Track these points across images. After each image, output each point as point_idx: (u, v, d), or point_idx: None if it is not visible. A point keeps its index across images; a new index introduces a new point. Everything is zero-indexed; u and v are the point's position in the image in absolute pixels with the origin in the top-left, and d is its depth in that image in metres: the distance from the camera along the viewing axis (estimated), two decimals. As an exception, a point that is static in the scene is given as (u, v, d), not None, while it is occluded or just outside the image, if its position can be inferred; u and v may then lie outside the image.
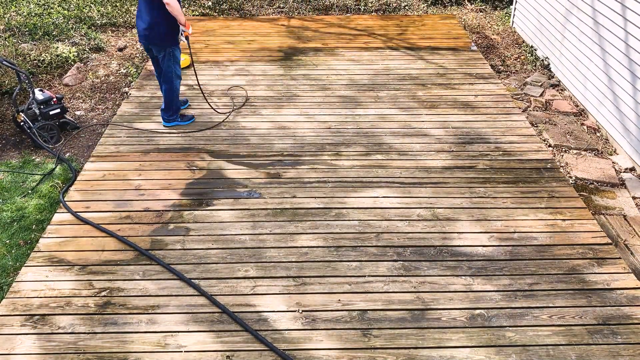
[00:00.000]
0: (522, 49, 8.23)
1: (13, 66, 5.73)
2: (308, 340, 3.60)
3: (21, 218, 4.85)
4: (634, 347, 3.55)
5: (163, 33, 5.38)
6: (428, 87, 6.89)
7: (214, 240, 4.44)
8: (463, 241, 4.43)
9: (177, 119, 5.96)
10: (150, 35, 5.42)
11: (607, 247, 4.37)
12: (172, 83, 5.70)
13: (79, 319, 3.75)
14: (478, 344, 3.57)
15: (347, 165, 5.37)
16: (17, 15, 8.98)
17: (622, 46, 5.77)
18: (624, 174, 5.48)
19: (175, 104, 5.85)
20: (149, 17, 5.33)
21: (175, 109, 5.90)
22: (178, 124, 5.94)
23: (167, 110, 5.87)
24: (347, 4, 9.96)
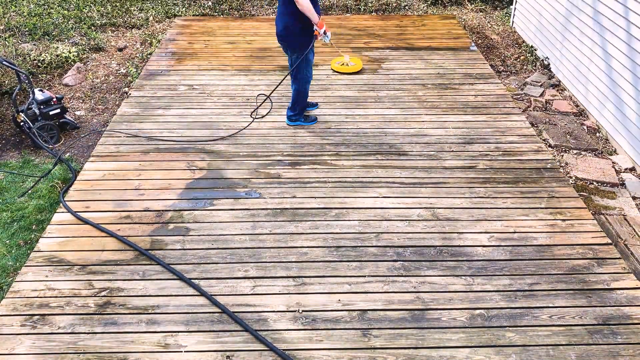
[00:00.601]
0: (522, 49, 8.23)
1: (13, 66, 5.73)
2: (308, 340, 3.60)
3: (21, 218, 4.85)
4: (634, 347, 3.55)
5: (297, 34, 5.41)
6: (428, 87, 6.89)
7: (214, 240, 4.44)
8: (463, 241, 4.43)
9: (301, 119, 6.00)
10: (285, 36, 5.49)
11: (607, 247, 4.37)
12: (302, 84, 5.75)
13: (79, 319, 3.75)
14: (478, 344, 3.57)
15: (347, 165, 5.37)
16: (17, 15, 8.98)
17: (622, 46, 5.77)
18: (624, 174, 5.48)
19: (300, 104, 5.90)
20: (285, 19, 5.39)
21: (300, 110, 5.94)
22: (301, 124, 6.00)
23: (293, 109, 5.93)
24: (347, 4, 9.96)
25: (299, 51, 5.50)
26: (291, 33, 5.41)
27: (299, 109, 5.91)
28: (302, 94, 5.81)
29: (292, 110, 5.94)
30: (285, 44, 5.59)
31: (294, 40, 5.46)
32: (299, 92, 5.78)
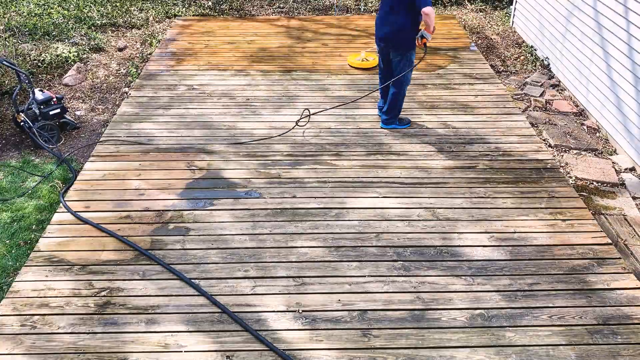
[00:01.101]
0: (522, 49, 8.23)
1: (13, 66, 5.73)
2: (308, 340, 3.60)
3: (21, 218, 4.85)
4: (634, 347, 3.55)
5: (409, 38, 5.42)
6: (428, 88, 6.89)
7: (214, 240, 4.44)
8: (463, 241, 4.43)
9: (396, 122, 5.92)
10: (394, 39, 5.46)
11: (607, 247, 4.37)
12: (401, 87, 5.69)
13: (79, 319, 3.75)
14: (478, 345, 3.57)
15: (347, 165, 5.37)
16: (17, 15, 8.98)
17: (622, 46, 5.77)
18: (624, 174, 5.48)
19: (398, 108, 5.84)
20: (396, 21, 5.37)
21: (396, 113, 5.88)
22: (395, 127, 5.92)
23: (389, 112, 5.85)
24: (348, 4, 9.96)
25: (406, 53, 5.51)
26: (403, 37, 5.42)
27: (396, 112, 5.86)
28: (401, 97, 5.78)
29: (388, 114, 5.87)
30: (391, 47, 5.55)
31: (404, 43, 5.46)
32: (398, 94, 5.73)
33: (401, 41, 5.46)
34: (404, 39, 5.44)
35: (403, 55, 5.53)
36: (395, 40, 5.47)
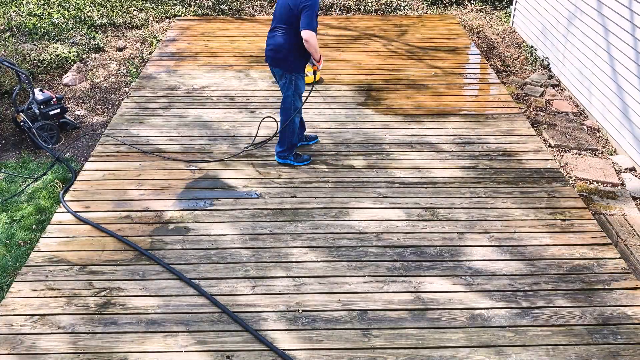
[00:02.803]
0: (522, 49, 8.23)
1: (13, 66, 5.73)
2: (308, 340, 3.60)
3: (21, 218, 4.85)
4: (634, 347, 3.55)
5: (290, 58, 4.95)
6: (428, 88, 6.89)
7: (214, 240, 4.44)
8: (463, 241, 4.43)
9: (290, 157, 5.34)
10: (273, 55, 5.01)
11: (607, 247, 4.37)
12: (288, 115, 5.14)
13: (79, 319, 3.74)
14: (478, 344, 3.57)
15: (347, 165, 5.37)
16: (17, 15, 8.98)
17: (622, 46, 5.77)
18: (624, 174, 5.48)
19: (289, 139, 5.25)
20: (277, 40, 4.94)
21: (290, 146, 5.29)
22: (290, 163, 5.34)
23: (281, 144, 5.29)
24: (348, 4, 9.96)
25: (289, 75, 5.01)
26: (283, 56, 4.95)
27: (288, 144, 5.27)
28: (290, 126, 5.18)
29: (281, 146, 5.31)
30: (274, 66, 5.07)
31: (285, 62, 4.97)
32: (286, 126, 5.17)
33: (280, 62, 4.98)
34: (282, 60, 4.95)
35: (287, 78, 5.02)
36: (275, 60, 5.00)
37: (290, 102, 5.12)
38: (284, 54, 4.93)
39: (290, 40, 4.89)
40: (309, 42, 4.74)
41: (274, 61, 5.04)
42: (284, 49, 4.92)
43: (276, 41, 4.95)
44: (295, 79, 5.04)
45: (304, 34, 4.71)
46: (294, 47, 4.90)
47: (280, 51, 4.94)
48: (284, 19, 4.86)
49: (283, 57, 4.95)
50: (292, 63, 4.97)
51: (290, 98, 5.11)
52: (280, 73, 5.05)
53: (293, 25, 4.82)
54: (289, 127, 5.18)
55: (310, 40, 4.73)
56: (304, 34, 4.71)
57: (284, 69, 5.00)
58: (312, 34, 4.73)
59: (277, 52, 4.96)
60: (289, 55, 4.94)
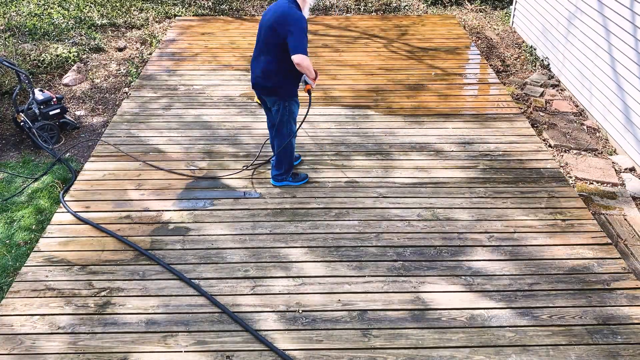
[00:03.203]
0: (522, 49, 8.23)
1: (13, 66, 5.73)
2: (308, 340, 3.60)
3: (21, 218, 4.85)
4: (634, 347, 3.55)
5: (283, 85, 4.58)
6: (428, 88, 6.89)
7: (214, 241, 4.44)
8: (463, 241, 4.43)
9: (289, 178, 5.09)
10: (263, 84, 4.62)
11: (607, 247, 4.37)
12: (284, 140, 4.83)
13: (79, 319, 3.74)
14: (478, 344, 3.57)
15: (347, 165, 5.37)
16: (17, 15, 8.98)
17: (623, 46, 5.77)
18: (624, 174, 5.48)
19: (287, 162, 5.00)
20: (264, 64, 4.53)
21: (288, 168, 5.04)
22: (289, 184, 5.09)
23: (279, 167, 5.02)
24: (348, 4, 9.96)
25: (282, 102, 4.66)
26: (272, 83, 4.57)
27: (286, 167, 5.02)
28: (288, 151, 4.91)
29: (278, 169, 5.02)
30: (263, 93, 4.71)
31: (275, 89, 4.60)
32: (284, 149, 4.88)
33: (272, 91, 4.61)
34: (275, 88, 4.59)
35: (280, 105, 4.67)
36: (266, 87, 4.62)
37: (285, 127, 4.79)
38: (276, 82, 4.56)
39: (280, 66, 4.48)
40: (302, 65, 4.33)
41: (264, 90, 4.66)
42: (275, 76, 4.53)
43: (265, 68, 4.54)
44: (289, 105, 4.70)
45: (296, 58, 4.28)
46: (285, 73, 4.52)
47: (270, 79, 4.56)
48: (269, 42, 4.44)
49: (275, 86, 4.58)
50: (285, 90, 4.61)
51: (284, 123, 4.77)
52: (272, 101, 4.70)
53: (281, 49, 4.40)
54: (286, 149, 4.89)
55: (302, 64, 4.32)
56: (296, 58, 4.28)
57: (278, 97, 4.64)
58: (304, 57, 4.30)
59: (267, 80, 4.57)
60: (282, 82, 4.56)
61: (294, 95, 4.69)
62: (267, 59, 4.50)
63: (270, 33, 4.40)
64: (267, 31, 4.42)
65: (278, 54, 4.43)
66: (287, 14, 4.32)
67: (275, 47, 4.41)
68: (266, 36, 4.45)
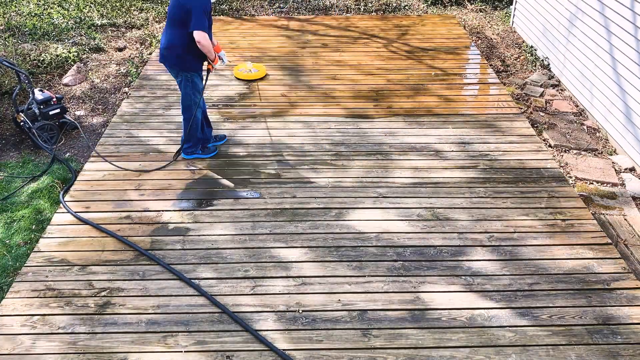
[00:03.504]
0: (522, 49, 8.23)
1: (13, 66, 5.73)
2: (308, 340, 3.60)
3: (21, 218, 4.85)
4: (634, 347, 3.55)
5: (180, 55, 4.90)
6: (428, 88, 6.89)
7: (214, 241, 4.44)
8: (463, 241, 4.43)
9: (198, 151, 5.36)
10: (166, 55, 4.95)
11: (607, 247, 4.37)
12: (190, 112, 5.11)
13: (79, 319, 3.75)
14: (478, 344, 3.57)
15: (347, 165, 5.37)
16: (17, 15, 8.98)
17: (623, 46, 5.77)
18: (624, 174, 5.48)
19: (193, 135, 5.25)
20: (168, 37, 4.89)
21: (196, 141, 5.30)
22: (199, 157, 5.35)
23: (188, 140, 5.27)
24: (348, 4, 9.96)
25: (184, 73, 4.96)
26: (174, 54, 4.90)
27: (194, 140, 5.27)
28: (194, 124, 5.15)
29: (188, 142, 5.27)
30: (166, 64, 5.01)
31: (176, 61, 4.92)
32: (188, 122, 5.14)
33: (174, 62, 4.92)
34: (177, 59, 4.90)
35: (182, 77, 4.98)
36: (167, 57, 4.93)
37: (190, 99, 5.06)
38: (178, 54, 4.86)
39: (184, 40, 4.79)
40: (201, 43, 4.69)
41: (167, 60, 4.95)
42: (178, 48, 4.84)
43: (169, 40, 4.86)
44: (191, 77, 4.98)
45: (195, 35, 4.66)
46: (187, 47, 4.81)
47: (173, 50, 4.86)
48: (175, 17, 4.76)
49: (177, 57, 4.88)
50: (187, 63, 4.90)
51: (189, 96, 5.05)
52: (175, 72, 4.99)
53: (185, 24, 4.71)
54: (193, 122, 5.12)
55: (202, 42, 4.69)
56: (195, 35, 4.66)
57: (180, 68, 4.93)
58: (204, 35, 4.66)
59: (170, 51, 4.88)
60: (184, 55, 4.86)
61: (198, 69, 4.96)
62: (171, 32, 4.82)
63: (177, 9, 4.71)
64: (174, 7, 4.74)
65: (182, 28, 4.73)
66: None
67: (180, 23, 4.72)
68: (173, 12, 4.76)
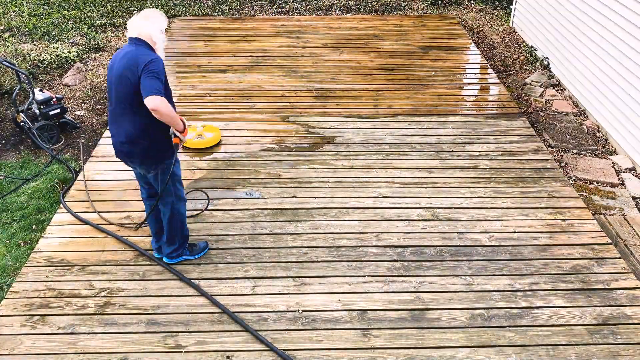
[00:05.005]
0: (522, 49, 8.23)
1: (13, 66, 5.73)
2: (308, 340, 3.60)
3: (21, 218, 4.85)
4: (634, 347, 3.55)
5: (149, 146, 3.68)
6: (427, 87, 6.89)
7: (214, 241, 4.43)
8: (463, 241, 4.43)
9: (186, 252, 4.21)
10: (128, 151, 3.72)
11: (607, 247, 4.37)
12: (172, 206, 3.96)
13: (79, 319, 3.74)
14: (478, 344, 3.57)
15: (347, 165, 5.37)
16: (17, 15, 8.98)
17: (623, 46, 5.77)
18: (624, 174, 5.48)
19: (181, 235, 4.11)
20: (127, 125, 3.63)
21: (182, 242, 4.16)
22: (187, 258, 4.22)
23: (171, 243, 4.11)
24: (348, 4, 9.96)
25: (159, 164, 3.78)
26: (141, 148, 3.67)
27: (180, 240, 4.12)
28: (179, 220, 4.04)
29: (171, 245, 4.10)
30: (136, 159, 3.75)
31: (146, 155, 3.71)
32: (173, 219, 4.00)
33: (140, 155, 3.71)
34: (142, 152, 3.69)
35: (157, 171, 3.82)
36: (131, 154, 3.73)
37: (172, 194, 3.92)
38: (147, 145, 3.67)
39: (145, 122, 3.60)
40: (159, 111, 3.42)
41: (132, 157, 3.75)
42: (144, 137, 3.65)
43: (127, 131, 3.64)
44: (168, 168, 3.80)
45: (149, 101, 3.39)
46: (152, 131, 3.64)
47: (139, 142, 3.66)
48: (126, 96, 3.56)
49: (145, 150, 3.68)
50: (159, 152, 3.73)
51: (170, 189, 3.89)
52: (146, 168, 3.81)
53: (136, 104, 3.55)
54: (174, 219, 4.00)
55: (160, 109, 3.42)
56: (149, 101, 3.39)
57: (152, 162, 3.75)
58: (160, 99, 3.43)
59: (135, 144, 3.66)
60: (152, 144, 3.67)
61: (172, 154, 3.77)
62: (128, 119, 3.62)
63: (125, 85, 3.53)
64: (121, 83, 3.55)
65: (139, 108, 3.55)
66: (137, 57, 3.52)
67: (132, 101, 3.55)
68: (118, 89, 3.58)
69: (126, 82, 3.52)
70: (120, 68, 3.55)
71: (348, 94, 6.73)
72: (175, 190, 3.93)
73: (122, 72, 3.53)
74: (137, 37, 3.63)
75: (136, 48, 3.60)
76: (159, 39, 3.71)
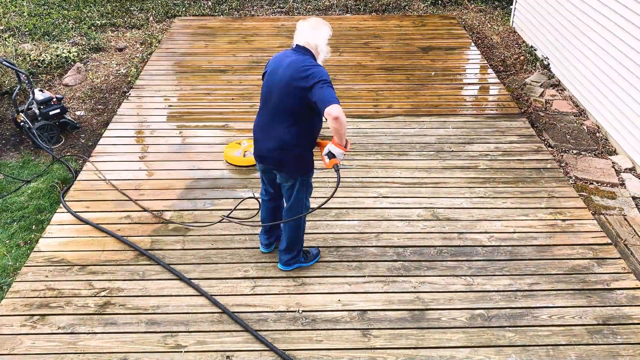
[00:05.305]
0: (522, 49, 8.23)
1: (13, 66, 5.73)
2: (308, 340, 3.60)
3: (21, 218, 4.85)
4: (634, 347, 3.55)
5: (298, 155, 3.69)
6: (427, 87, 6.89)
7: (214, 241, 4.43)
8: (463, 241, 4.43)
9: (301, 258, 4.19)
10: (278, 157, 3.69)
11: (607, 247, 4.37)
12: (299, 220, 3.98)
13: (79, 319, 3.74)
14: (478, 344, 3.57)
15: (347, 165, 5.37)
16: (17, 15, 8.98)
17: (623, 46, 5.77)
18: (624, 174, 5.48)
19: (300, 242, 4.12)
20: (281, 132, 3.63)
21: (300, 249, 4.14)
22: (301, 265, 4.20)
23: (289, 251, 4.09)
24: (347, 4, 9.96)
25: (301, 175, 3.80)
26: (289, 156, 3.68)
27: (298, 248, 4.13)
28: (302, 229, 4.09)
29: (289, 253, 4.11)
30: (281, 167, 3.75)
31: (293, 164, 3.72)
32: (299, 229, 4.04)
33: (288, 165, 3.71)
34: (292, 162, 3.70)
35: (297, 182, 3.80)
36: (280, 163, 3.72)
37: (302, 205, 3.93)
38: (294, 154, 3.67)
39: (299, 134, 3.63)
40: (340, 119, 3.35)
41: (279, 164, 3.73)
42: (295, 147, 3.65)
43: (281, 138, 3.63)
44: (307, 179, 3.86)
45: (332, 109, 3.31)
46: (305, 142, 3.69)
47: (289, 150, 3.65)
48: (289, 104, 3.55)
49: (293, 159, 3.69)
50: (304, 164, 3.75)
51: (301, 201, 3.91)
52: (286, 177, 3.80)
53: (299, 113, 3.56)
54: (300, 229, 4.05)
55: (341, 117, 3.34)
56: (332, 109, 3.31)
57: (296, 172, 3.76)
58: (340, 108, 3.35)
59: (284, 152, 3.65)
60: (301, 154, 3.70)
61: (313, 167, 3.84)
62: (284, 126, 3.61)
63: (289, 92, 3.52)
64: (282, 89, 3.55)
65: (298, 118, 3.58)
66: (307, 67, 3.50)
67: (295, 110, 3.56)
68: (281, 96, 3.57)
69: (294, 91, 3.49)
70: (286, 76, 3.53)
71: (348, 94, 6.73)
72: (306, 202, 3.95)
73: (290, 81, 3.51)
74: (304, 45, 3.66)
75: (303, 57, 3.60)
76: (323, 50, 3.71)
